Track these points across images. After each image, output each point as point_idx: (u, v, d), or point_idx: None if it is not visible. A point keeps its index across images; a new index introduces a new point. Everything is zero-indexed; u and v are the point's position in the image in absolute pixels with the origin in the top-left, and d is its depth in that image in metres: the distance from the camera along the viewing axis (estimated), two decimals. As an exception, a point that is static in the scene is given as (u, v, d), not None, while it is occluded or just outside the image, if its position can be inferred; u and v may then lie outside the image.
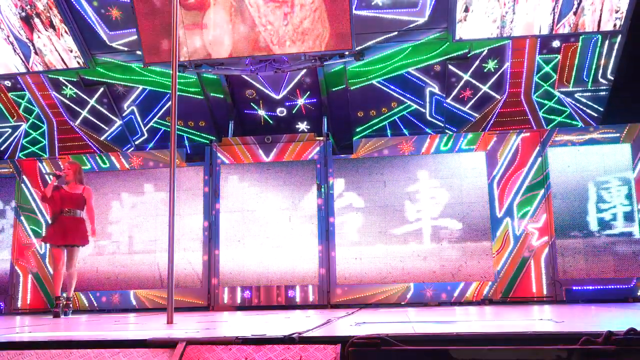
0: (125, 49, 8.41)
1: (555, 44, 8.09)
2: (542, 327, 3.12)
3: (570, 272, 7.43)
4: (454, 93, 8.56)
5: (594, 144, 7.65)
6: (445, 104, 8.64)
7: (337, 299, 7.71)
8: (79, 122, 9.27)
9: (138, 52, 8.18)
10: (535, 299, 7.43)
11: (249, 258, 7.95)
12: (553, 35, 7.75)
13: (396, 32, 8.04)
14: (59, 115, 9.22)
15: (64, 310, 6.61)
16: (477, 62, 8.35)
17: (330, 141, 8.18)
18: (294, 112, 9.01)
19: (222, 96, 8.90)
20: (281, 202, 8.04)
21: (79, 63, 8.47)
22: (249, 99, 8.96)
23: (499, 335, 2.64)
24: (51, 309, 6.91)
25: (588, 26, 7.56)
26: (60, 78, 8.94)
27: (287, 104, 8.95)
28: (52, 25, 8.18)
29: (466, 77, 8.45)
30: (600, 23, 7.51)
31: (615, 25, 7.53)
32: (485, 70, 8.40)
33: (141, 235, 8.27)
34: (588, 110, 8.38)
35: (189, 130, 9.26)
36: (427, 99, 8.74)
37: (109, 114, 9.18)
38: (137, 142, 9.35)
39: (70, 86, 9.01)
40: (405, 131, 8.88)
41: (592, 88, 8.29)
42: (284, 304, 7.77)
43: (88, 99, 9.09)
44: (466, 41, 7.95)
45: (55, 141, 9.30)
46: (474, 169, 7.79)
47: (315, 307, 7.62)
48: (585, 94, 8.36)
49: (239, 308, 7.82)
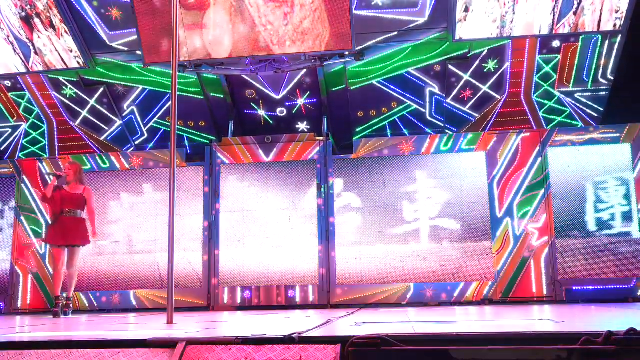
0: (125, 49, 8.41)
1: (555, 44, 8.09)
2: (542, 327, 3.12)
3: (570, 272, 7.43)
4: (454, 93, 8.56)
5: (594, 144, 7.65)
6: (445, 104, 8.64)
7: (337, 299, 7.71)
8: (79, 122, 9.27)
9: (138, 52, 8.18)
10: (535, 299, 7.43)
11: (249, 258, 7.95)
12: (553, 35, 7.75)
13: (396, 32, 8.04)
14: (59, 115, 9.22)
15: (64, 310, 6.62)
16: (477, 62, 8.35)
17: (330, 141, 8.18)
18: (294, 112, 9.01)
19: (222, 96, 8.90)
20: (281, 202, 8.04)
21: (79, 63, 8.47)
22: (249, 99, 8.96)
23: (499, 335, 2.64)
24: (51, 309, 6.91)
25: (588, 26, 7.56)
26: (60, 78, 8.94)
27: (287, 104, 8.95)
28: (52, 25, 8.18)
29: (466, 77, 8.45)
30: (600, 23, 7.52)
31: (615, 25, 7.53)
32: (485, 70, 8.40)
33: (141, 235, 8.27)
34: (588, 110, 8.38)
35: (189, 130, 9.26)
36: (427, 99, 8.74)
37: (109, 114, 9.18)
38: (137, 142, 9.35)
39: (70, 86, 9.01)
40: (405, 131, 8.88)
41: (592, 88, 8.29)
42: (284, 304, 7.77)
43: (88, 99, 9.09)
44: (466, 41, 7.95)
45: (55, 141, 9.30)
46: (474, 169, 7.80)
47: (315, 307, 7.62)
48: (585, 94, 8.36)
49: (239, 308, 7.83)
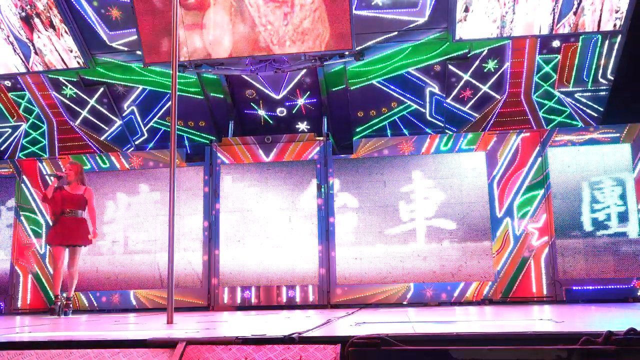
0: (125, 49, 8.41)
1: (555, 44, 8.09)
2: (542, 327, 3.12)
3: (570, 272, 7.43)
4: (454, 93, 8.56)
5: (594, 144, 7.65)
6: (445, 104, 8.64)
7: (337, 299, 7.71)
8: (79, 122, 9.27)
9: (138, 52, 8.18)
10: (535, 299, 7.43)
11: (249, 258, 7.95)
12: (553, 35, 7.75)
13: (396, 32, 8.04)
14: (59, 115, 9.22)
15: (64, 310, 6.62)
16: (477, 62, 8.35)
17: (330, 141, 8.18)
18: (294, 112, 9.01)
19: (222, 96, 8.90)
20: (281, 202, 8.04)
21: (79, 63, 8.47)
22: (249, 99, 8.96)
23: (499, 335, 2.64)
24: (50, 307, 6.92)
25: (588, 26, 7.56)
26: (60, 78, 8.94)
27: (287, 104, 8.95)
28: (52, 25, 8.18)
29: (466, 77, 8.45)
30: (600, 23, 7.51)
31: (615, 25, 7.53)
32: (485, 70, 8.40)
33: (141, 235, 8.27)
34: (588, 110, 8.38)
35: (189, 130, 9.26)
36: (427, 99, 8.74)
37: (109, 114, 9.18)
38: (137, 142, 9.35)
39: (70, 86, 9.01)
40: (405, 131, 8.88)
41: (592, 88, 8.29)
42: (284, 304, 7.77)
43: (88, 99, 9.09)
44: (466, 41, 7.95)
45: (55, 141, 9.30)
46: (474, 169, 7.79)
47: (315, 307, 7.61)
48: (585, 94, 8.36)
49: (239, 308, 7.82)
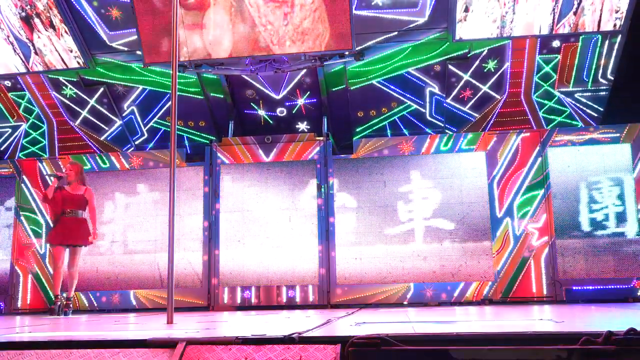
0: (125, 49, 8.41)
1: (555, 44, 8.09)
2: (542, 327, 3.12)
3: (570, 272, 7.42)
4: (454, 93, 8.56)
5: (594, 144, 7.65)
6: (445, 104, 8.64)
7: (337, 299, 7.71)
8: (79, 122, 9.27)
9: (138, 52, 8.18)
10: (535, 299, 7.43)
11: (249, 258, 7.95)
12: (553, 35, 7.75)
13: (396, 32, 8.04)
14: (59, 115, 9.22)
15: (64, 311, 6.62)
16: (477, 62, 8.35)
17: (330, 141, 8.18)
18: (294, 112, 9.01)
19: (222, 96, 8.90)
20: (281, 202, 8.04)
21: (79, 63, 8.47)
22: (249, 99, 8.96)
23: (499, 335, 2.64)
24: (49, 307, 6.92)
25: (588, 26, 7.56)
26: (60, 78, 8.94)
27: (287, 104, 8.95)
28: (52, 25, 8.18)
29: (466, 77, 8.45)
30: (600, 23, 7.51)
31: (615, 25, 7.53)
32: (485, 70, 8.40)
33: (141, 235, 8.27)
34: (588, 110, 8.38)
35: (189, 130, 9.26)
36: (427, 99, 8.74)
37: (109, 114, 9.18)
38: (137, 142, 9.35)
39: (70, 86, 9.01)
40: (405, 131, 8.88)
41: (592, 88, 8.29)
42: (284, 304, 7.77)
43: (88, 99, 9.09)
44: (466, 41, 7.95)
45: (55, 141, 9.30)
46: (474, 169, 7.79)
47: (315, 307, 7.61)
48: (585, 94, 8.36)
49: (239, 308, 7.82)
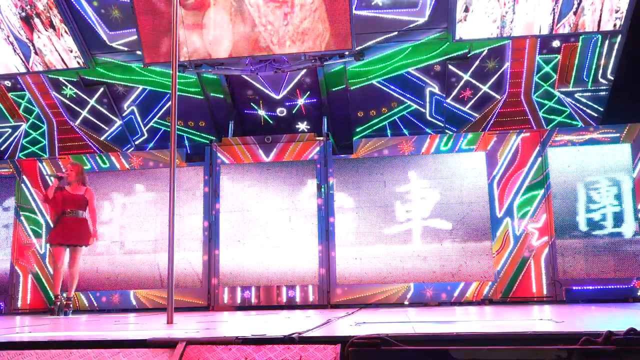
0: (125, 49, 8.41)
1: (555, 44, 8.09)
2: (542, 327, 3.12)
3: (570, 272, 7.42)
4: (454, 93, 8.56)
5: (594, 144, 7.65)
6: (445, 104, 8.64)
7: (337, 299, 7.71)
8: (79, 122, 9.27)
9: (138, 52, 8.18)
10: (535, 299, 7.43)
11: (249, 258, 7.95)
12: (553, 35, 7.75)
13: (396, 32, 8.04)
14: (59, 115, 9.22)
15: (64, 311, 6.63)
16: (477, 62, 8.35)
17: (330, 141, 8.18)
18: (294, 112, 9.01)
19: (222, 96, 8.90)
20: (281, 202, 8.04)
21: (79, 63, 8.47)
22: (249, 99, 8.96)
23: (499, 335, 2.64)
24: (49, 307, 6.93)
25: (588, 26, 7.56)
26: (60, 78, 8.94)
27: (287, 104, 8.95)
28: (52, 25, 8.18)
29: (466, 77, 8.45)
30: (600, 23, 7.51)
31: (615, 25, 7.52)
32: (485, 70, 8.40)
33: (141, 235, 8.27)
34: (588, 110, 8.38)
35: (189, 130, 9.26)
36: (427, 99, 8.74)
37: (109, 114, 9.18)
38: (137, 142, 9.35)
39: (70, 86, 9.01)
40: (405, 131, 8.88)
41: (592, 88, 8.29)
42: (284, 304, 7.77)
43: (88, 99, 9.09)
44: (466, 41, 7.95)
45: (55, 141, 9.30)
46: (474, 169, 7.79)
47: (315, 307, 7.62)
48: (585, 94, 8.36)
49: (239, 308, 7.82)
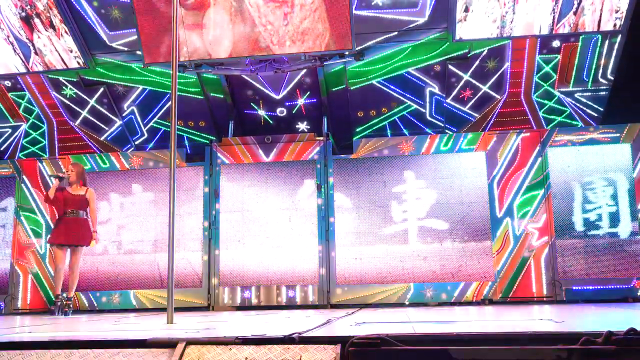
0: (125, 49, 8.41)
1: (555, 43, 8.09)
2: (542, 327, 3.12)
3: (570, 272, 7.42)
4: (454, 93, 8.56)
5: (594, 144, 7.65)
6: (445, 104, 8.64)
7: (337, 299, 7.70)
8: (79, 122, 9.27)
9: (138, 52, 8.18)
10: (535, 299, 7.43)
11: (249, 258, 7.95)
12: (553, 35, 7.75)
13: (396, 32, 8.04)
14: (59, 115, 9.22)
15: (64, 310, 6.63)
16: (477, 62, 8.35)
17: (330, 141, 8.17)
18: (294, 112, 9.01)
19: (222, 96, 8.90)
20: (281, 202, 8.04)
21: (79, 63, 8.47)
22: (249, 99, 8.96)
23: (499, 335, 2.64)
24: (50, 307, 6.93)
25: (588, 26, 7.56)
26: (60, 78, 8.94)
27: (287, 104, 8.95)
28: (52, 25, 8.18)
29: (466, 77, 8.45)
30: (600, 23, 7.51)
31: (615, 25, 7.52)
32: (485, 70, 8.40)
33: (141, 235, 8.26)
34: (588, 110, 8.38)
35: (189, 130, 9.26)
36: (427, 99, 8.74)
37: (109, 114, 9.18)
38: (137, 142, 9.35)
39: (70, 86, 9.01)
40: (405, 131, 8.88)
41: (592, 88, 8.29)
42: (284, 304, 7.77)
43: (88, 99, 9.09)
44: (466, 41, 7.95)
45: (55, 141, 9.30)
46: (474, 169, 7.79)
47: (315, 307, 7.62)
48: (585, 94, 8.36)
49: (239, 308, 7.82)
